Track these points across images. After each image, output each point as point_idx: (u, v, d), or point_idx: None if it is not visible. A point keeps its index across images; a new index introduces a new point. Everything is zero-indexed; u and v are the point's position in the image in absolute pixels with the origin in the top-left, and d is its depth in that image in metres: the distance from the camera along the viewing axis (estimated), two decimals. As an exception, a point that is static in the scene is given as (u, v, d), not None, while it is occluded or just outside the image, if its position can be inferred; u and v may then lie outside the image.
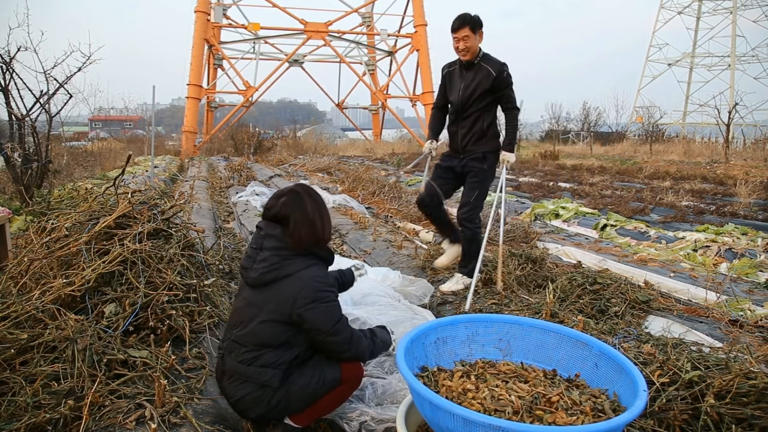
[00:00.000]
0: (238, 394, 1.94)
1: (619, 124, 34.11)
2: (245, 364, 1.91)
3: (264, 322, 1.89)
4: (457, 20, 3.30)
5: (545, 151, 21.88)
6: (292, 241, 1.93)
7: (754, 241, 5.77)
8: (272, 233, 1.95)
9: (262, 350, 1.90)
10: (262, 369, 1.90)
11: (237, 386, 1.94)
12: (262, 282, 1.91)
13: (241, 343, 1.92)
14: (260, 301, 1.91)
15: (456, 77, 3.52)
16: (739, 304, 3.73)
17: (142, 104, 42.16)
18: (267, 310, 1.89)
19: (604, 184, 11.89)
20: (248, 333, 1.91)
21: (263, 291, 1.92)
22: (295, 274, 1.89)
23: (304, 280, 1.89)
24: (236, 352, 1.93)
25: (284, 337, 1.90)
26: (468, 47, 3.31)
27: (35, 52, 6.53)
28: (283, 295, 1.87)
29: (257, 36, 28.19)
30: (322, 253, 2.01)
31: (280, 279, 1.89)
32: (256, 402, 1.92)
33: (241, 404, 1.95)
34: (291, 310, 1.86)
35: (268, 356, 1.90)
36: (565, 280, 3.64)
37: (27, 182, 6.30)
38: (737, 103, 21.31)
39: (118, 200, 3.13)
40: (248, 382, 1.91)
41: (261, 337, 1.89)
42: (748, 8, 35.45)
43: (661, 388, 2.00)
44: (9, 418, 1.81)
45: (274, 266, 1.89)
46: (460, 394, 1.69)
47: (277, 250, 1.92)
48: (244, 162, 16.89)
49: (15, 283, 2.61)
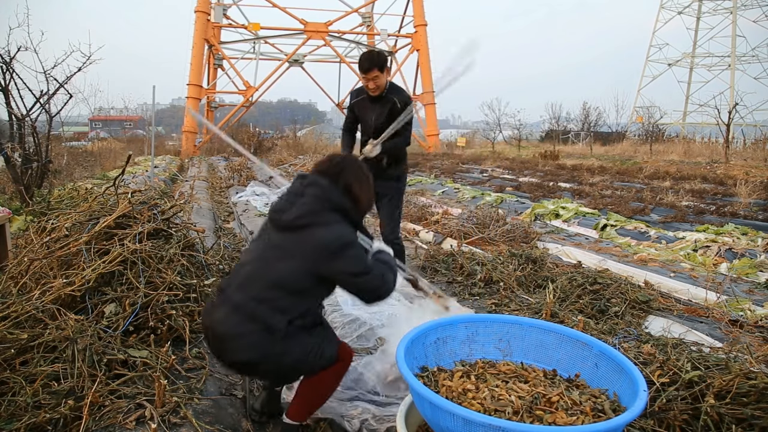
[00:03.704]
0: (237, 330, 1.85)
1: (619, 124, 34.13)
2: (257, 301, 1.86)
3: (288, 264, 1.87)
4: (365, 62, 3.43)
5: (545, 151, 21.89)
6: (350, 200, 1.99)
7: (754, 241, 5.77)
8: (319, 183, 1.97)
9: (277, 292, 1.87)
10: (273, 312, 1.85)
11: (239, 322, 1.86)
12: (295, 225, 1.90)
13: (256, 280, 1.89)
14: (289, 244, 1.90)
15: (366, 108, 3.68)
16: (739, 304, 3.73)
17: (142, 104, 42.17)
18: (293, 253, 1.88)
19: (604, 184, 11.89)
20: (268, 272, 1.89)
21: (293, 234, 1.91)
22: (330, 225, 1.91)
23: (336, 232, 1.91)
24: (250, 288, 1.88)
25: (304, 283, 1.89)
26: (378, 85, 3.48)
27: (35, 52, 6.52)
28: (315, 240, 1.87)
29: (257, 36, 28.18)
30: (356, 219, 2.05)
31: (313, 226, 1.89)
32: (254, 345, 1.85)
33: (234, 342, 1.86)
34: (320, 256, 1.86)
35: (282, 301, 1.86)
36: (565, 280, 3.64)
37: (27, 182, 6.29)
38: (737, 103, 21.34)
39: (118, 200, 3.13)
40: (254, 322, 1.85)
41: (281, 277, 1.87)
42: (748, 8, 35.43)
43: (661, 388, 2.00)
44: (9, 418, 1.81)
45: (314, 212, 1.90)
46: (460, 394, 1.69)
47: (320, 199, 1.94)
48: (244, 162, 16.89)
49: (15, 283, 2.61)
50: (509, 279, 3.81)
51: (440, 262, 4.49)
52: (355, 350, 2.72)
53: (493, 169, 16.55)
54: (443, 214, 6.98)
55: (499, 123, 31.44)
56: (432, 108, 29.14)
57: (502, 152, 25.89)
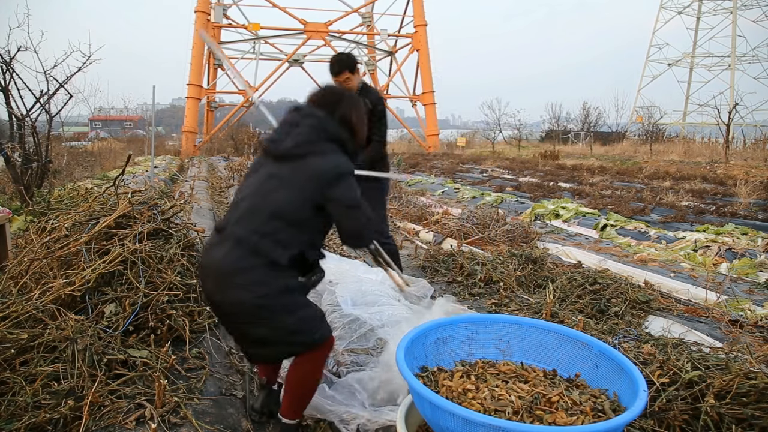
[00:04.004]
0: (241, 265, 1.80)
1: (619, 124, 34.13)
2: (259, 235, 1.82)
3: (286, 193, 1.87)
4: (335, 66, 3.41)
5: (545, 151, 21.90)
6: (346, 131, 1.99)
7: (754, 241, 5.77)
8: (315, 113, 1.97)
9: (277, 223, 1.84)
10: (275, 246, 1.82)
11: (242, 256, 1.81)
12: (292, 154, 1.90)
13: (256, 213, 1.86)
14: (285, 173, 1.89)
15: None
16: (739, 304, 3.73)
17: (142, 104, 42.12)
18: (290, 182, 1.88)
19: (604, 184, 11.89)
20: (267, 203, 1.86)
21: (290, 163, 1.91)
22: (326, 155, 1.91)
23: (333, 161, 1.91)
24: (250, 221, 1.85)
25: (302, 213, 1.87)
26: (350, 87, 3.47)
27: (35, 52, 6.52)
28: (312, 169, 1.87)
29: (257, 36, 28.19)
30: (352, 149, 2.04)
31: (309, 155, 1.89)
32: (259, 281, 1.79)
33: (238, 277, 1.80)
34: (317, 183, 1.86)
35: (282, 234, 1.84)
36: (565, 280, 3.64)
37: (27, 182, 6.29)
38: (737, 103, 21.34)
39: (118, 200, 3.13)
40: (257, 256, 1.80)
41: (279, 207, 1.85)
42: (748, 8, 35.42)
43: (661, 388, 2.00)
44: (9, 418, 1.81)
45: (310, 142, 1.91)
46: (460, 394, 1.69)
47: (316, 129, 1.93)
48: (245, 162, 16.89)
49: (15, 283, 2.61)
50: (509, 279, 3.81)
51: (440, 262, 4.49)
52: (355, 350, 2.71)
53: (493, 169, 16.55)
54: (443, 214, 6.98)
55: (499, 123, 31.46)
56: (432, 108, 29.14)
57: (502, 152, 25.90)
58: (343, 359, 2.65)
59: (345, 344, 2.77)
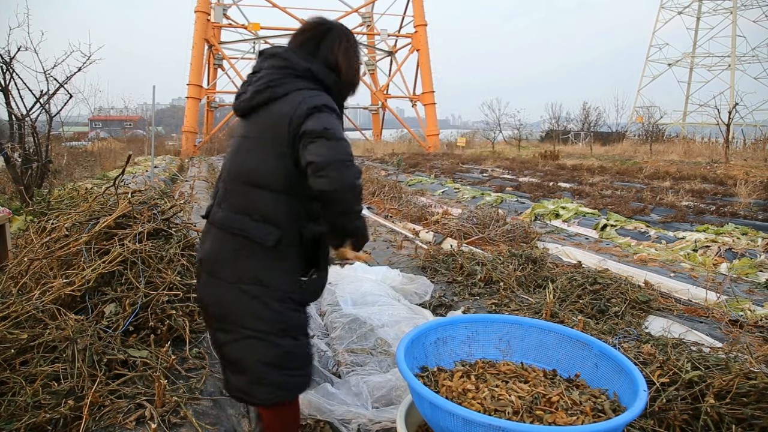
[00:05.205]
0: (223, 252, 1.58)
1: (619, 124, 34.08)
2: (242, 213, 1.56)
3: (258, 154, 1.57)
4: None
5: (545, 151, 21.87)
6: (325, 67, 1.64)
7: (754, 241, 5.77)
8: (278, 53, 1.64)
9: (255, 193, 1.56)
10: (257, 223, 1.54)
11: (224, 242, 1.58)
12: (253, 104, 1.60)
13: (233, 190, 1.61)
14: (254, 131, 1.60)
15: None
16: (739, 304, 3.73)
17: (142, 104, 42.14)
18: (260, 139, 1.58)
19: (604, 184, 11.88)
20: (241, 172, 1.59)
21: (256, 117, 1.61)
22: (293, 93, 1.56)
23: (300, 96, 1.54)
24: (231, 200, 1.60)
25: (281, 174, 1.54)
26: None
27: (35, 52, 6.53)
28: (279, 112, 1.54)
29: (257, 36, 28.19)
30: (336, 90, 1.66)
31: (275, 99, 1.57)
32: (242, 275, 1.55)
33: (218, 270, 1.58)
34: (287, 130, 1.52)
35: (263, 205, 1.55)
36: (565, 280, 3.64)
37: (27, 182, 6.29)
38: (737, 103, 21.32)
39: (118, 200, 3.13)
40: (239, 239, 1.56)
41: (253, 172, 1.56)
42: (748, 8, 35.40)
43: (661, 388, 2.00)
44: (9, 418, 1.81)
45: (272, 83, 1.58)
46: (460, 394, 1.69)
47: (279, 69, 1.60)
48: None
49: (15, 283, 2.61)
50: (509, 279, 3.81)
51: (440, 262, 4.49)
52: (355, 350, 2.72)
53: (493, 169, 16.54)
54: (443, 214, 6.98)
55: (499, 123, 31.41)
56: (432, 108, 29.15)
57: (502, 152, 25.88)
58: (343, 359, 2.65)
59: (345, 344, 2.78)
